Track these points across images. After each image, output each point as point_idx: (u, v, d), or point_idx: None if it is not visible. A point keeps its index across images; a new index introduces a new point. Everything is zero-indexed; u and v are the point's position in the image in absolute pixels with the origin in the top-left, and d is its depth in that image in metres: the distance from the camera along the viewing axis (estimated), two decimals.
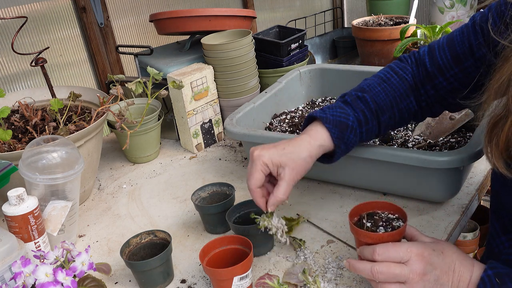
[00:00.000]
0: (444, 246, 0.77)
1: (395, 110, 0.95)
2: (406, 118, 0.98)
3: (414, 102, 0.96)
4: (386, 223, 0.82)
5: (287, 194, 0.87)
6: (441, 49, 0.91)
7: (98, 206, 1.26)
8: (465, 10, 2.00)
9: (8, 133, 1.13)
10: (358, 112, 0.93)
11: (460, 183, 1.04)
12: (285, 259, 0.97)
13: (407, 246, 0.75)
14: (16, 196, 0.91)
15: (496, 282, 0.71)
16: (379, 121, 0.95)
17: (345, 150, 0.94)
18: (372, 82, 0.97)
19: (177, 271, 0.98)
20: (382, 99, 0.94)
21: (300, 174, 0.89)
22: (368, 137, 0.97)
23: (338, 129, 0.90)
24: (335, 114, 0.92)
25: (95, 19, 1.74)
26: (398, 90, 0.95)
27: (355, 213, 0.85)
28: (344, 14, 2.89)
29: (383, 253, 0.74)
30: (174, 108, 1.43)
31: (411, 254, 0.73)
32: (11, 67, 1.60)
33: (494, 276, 0.72)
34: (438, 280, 0.74)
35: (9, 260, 0.86)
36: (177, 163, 1.42)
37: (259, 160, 0.87)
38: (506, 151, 0.66)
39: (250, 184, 0.88)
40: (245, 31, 1.51)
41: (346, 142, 0.92)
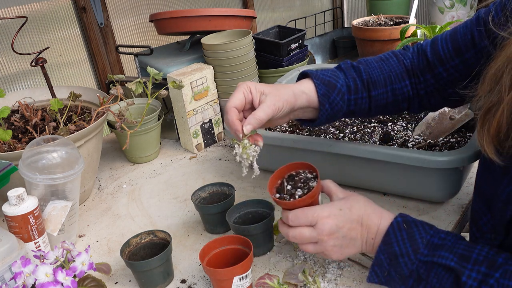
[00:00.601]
0: (353, 203, 0.82)
1: (389, 89, 0.96)
2: (399, 102, 0.98)
3: (409, 87, 0.96)
4: (304, 184, 0.84)
5: (266, 115, 0.85)
6: (444, 41, 0.92)
7: (98, 206, 1.26)
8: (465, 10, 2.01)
9: (8, 133, 1.13)
10: (349, 78, 0.94)
11: (460, 183, 1.04)
12: (285, 259, 0.97)
13: (314, 210, 0.80)
14: (16, 196, 0.91)
15: (404, 227, 0.77)
16: (370, 94, 0.95)
17: (330, 113, 0.93)
18: (370, 59, 0.99)
19: (177, 271, 0.98)
20: (376, 74, 0.95)
21: (283, 105, 0.87)
22: (357, 109, 0.96)
23: (325, 87, 0.91)
24: (326, 74, 0.93)
25: (95, 19, 1.74)
26: (394, 71, 0.96)
27: (276, 178, 0.86)
28: (344, 14, 2.90)
29: (294, 220, 0.81)
30: (174, 108, 1.43)
31: (318, 218, 0.79)
32: (11, 67, 1.60)
33: (402, 222, 0.78)
34: (347, 236, 0.80)
35: (9, 260, 0.86)
36: (177, 163, 1.42)
37: (243, 84, 0.87)
38: (497, 137, 0.68)
39: (228, 104, 0.85)
40: (245, 31, 1.51)
41: (331, 102, 0.92)
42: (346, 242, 0.80)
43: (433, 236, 0.75)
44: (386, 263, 0.77)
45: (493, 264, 0.69)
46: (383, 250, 0.77)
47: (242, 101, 0.86)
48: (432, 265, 0.73)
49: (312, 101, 0.92)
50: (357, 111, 0.97)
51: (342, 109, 0.94)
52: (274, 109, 0.86)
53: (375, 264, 0.78)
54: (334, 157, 1.09)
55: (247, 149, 0.84)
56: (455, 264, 0.71)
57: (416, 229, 0.76)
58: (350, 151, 1.05)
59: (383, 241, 0.77)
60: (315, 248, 0.82)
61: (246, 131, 0.84)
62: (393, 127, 1.31)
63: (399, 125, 1.31)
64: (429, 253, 0.74)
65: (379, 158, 1.01)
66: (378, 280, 0.79)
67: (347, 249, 0.81)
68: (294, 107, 0.90)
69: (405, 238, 0.76)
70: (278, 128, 1.36)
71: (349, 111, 0.96)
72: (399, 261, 0.75)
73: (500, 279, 0.67)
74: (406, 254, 0.75)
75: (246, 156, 0.84)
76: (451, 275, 0.71)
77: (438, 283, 0.72)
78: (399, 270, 0.76)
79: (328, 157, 1.10)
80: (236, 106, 0.86)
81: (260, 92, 0.88)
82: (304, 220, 0.80)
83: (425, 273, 0.74)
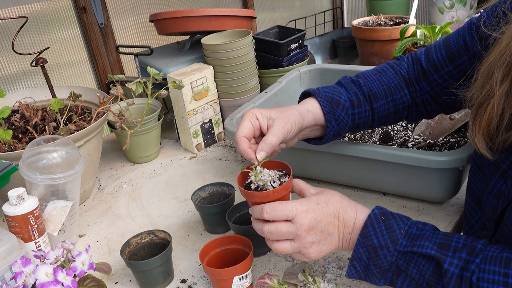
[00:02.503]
0: (329, 197, 0.80)
1: (389, 99, 0.97)
2: (400, 111, 0.99)
3: (408, 96, 0.98)
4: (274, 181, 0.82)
5: (278, 138, 0.85)
6: (437, 48, 0.93)
7: (98, 206, 1.26)
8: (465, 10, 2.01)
9: (9, 133, 1.13)
10: (351, 93, 0.95)
11: (460, 183, 1.04)
12: (285, 259, 0.97)
13: (292, 204, 0.77)
14: (17, 196, 0.91)
15: (381, 219, 0.76)
16: (372, 107, 0.96)
17: (336, 129, 0.94)
18: (368, 72, 1.00)
19: (177, 271, 0.98)
20: (376, 86, 0.96)
21: (292, 127, 0.87)
22: (361, 122, 0.97)
23: (330, 104, 0.92)
24: (328, 91, 0.94)
25: (95, 19, 1.74)
26: (392, 82, 0.97)
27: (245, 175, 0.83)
28: (344, 14, 2.90)
29: (270, 211, 0.77)
30: (174, 108, 1.43)
31: (296, 212, 0.77)
32: (12, 67, 1.61)
33: (380, 214, 0.77)
34: (324, 230, 0.78)
35: (10, 260, 0.86)
36: (177, 163, 1.42)
37: (249, 112, 0.87)
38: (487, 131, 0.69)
39: (236, 134, 0.85)
40: (245, 31, 1.51)
41: (337, 119, 0.93)
42: (324, 237, 0.78)
43: (411, 226, 0.75)
44: (365, 257, 0.75)
45: (472, 250, 0.70)
46: (362, 243, 0.75)
47: (251, 129, 0.86)
48: (411, 256, 0.72)
49: (319, 118, 0.92)
50: (361, 125, 0.98)
51: (348, 124, 0.95)
52: (284, 131, 0.86)
53: (354, 258, 0.77)
54: (334, 157, 1.09)
55: (260, 175, 0.82)
56: (435, 252, 0.70)
57: (394, 220, 0.76)
58: (350, 151, 1.05)
59: (361, 234, 0.76)
60: (292, 246, 0.78)
61: (260, 158, 0.83)
62: (393, 127, 1.31)
63: (399, 125, 1.31)
64: (408, 243, 0.73)
65: (379, 158, 1.01)
66: (358, 275, 0.78)
67: (324, 245, 0.79)
68: (302, 127, 0.90)
69: (384, 230, 0.75)
70: None
71: (354, 125, 0.97)
72: (378, 254, 0.74)
73: (480, 264, 0.68)
74: (385, 246, 0.74)
75: (262, 182, 0.82)
76: (431, 264, 0.71)
77: (418, 273, 0.72)
78: (379, 263, 0.74)
79: (328, 157, 1.10)
80: (245, 135, 0.85)
81: (266, 117, 0.87)
82: (282, 214, 0.77)
83: (404, 264, 0.73)
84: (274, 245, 0.79)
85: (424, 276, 0.72)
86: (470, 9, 2.02)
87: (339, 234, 0.79)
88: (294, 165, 1.19)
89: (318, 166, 1.15)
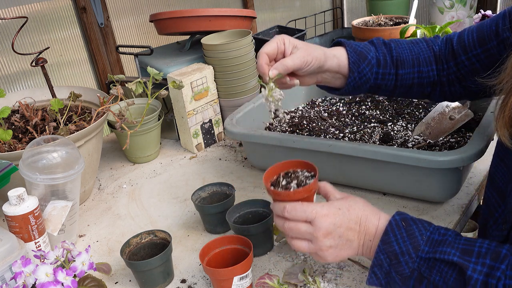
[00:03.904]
0: (351, 203, 0.80)
1: (415, 70, 0.98)
2: (424, 85, 1.00)
3: (435, 72, 0.99)
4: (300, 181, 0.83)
5: (294, 64, 0.90)
6: (470, 31, 0.96)
7: (98, 206, 1.26)
8: (465, 10, 2.01)
9: (9, 133, 1.13)
10: (379, 53, 0.98)
11: (460, 183, 1.04)
12: (285, 259, 0.97)
13: (313, 206, 0.78)
14: (17, 196, 0.91)
15: (402, 225, 0.75)
16: (397, 72, 0.98)
17: (357, 82, 0.97)
18: (401, 40, 1.02)
19: (177, 271, 0.98)
20: (406, 54, 0.98)
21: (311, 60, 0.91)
22: (383, 84, 0.99)
23: (357, 56, 0.95)
24: (358, 45, 0.97)
25: (95, 19, 1.74)
26: (422, 54, 0.99)
27: (273, 172, 0.86)
28: (344, 14, 2.89)
29: (291, 211, 0.78)
30: (174, 108, 1.43)
31: (316, 215, 0.77)
32: (12, 67, 1.61)
33: (400, 220, 0.75)
34: (343, 236, 0.77)
35: (10, 259, 0.86)
36: (177, 163, 1.42)
37: (279, 36, 0.93)
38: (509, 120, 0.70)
39: (261, 50, 0.91)
40: (245, 31, 1.51)
41: (360, 72, 0.96)
42: (342, 243, 0.77)
43: (432, 232, 0.74)
44: (386, 264, 0.74)
45: (497, 256, 0.68)
46: (383, 249, 0.74)
47: (275, 50, 0.91)
48: (434, 262, 0.71)
49: (343, 66, 0.95)
50: (383, 87, 1.00)
51: (369, 80, 0.97)
52: (303, 61, 0.90)
53: (374, 265, 0.75)
54: (334, 157, 1.09)
55: (272, 92, 0.89)
56: (458, 259, 0.69)
57: (415, 226, 0.74)
58: (350, 151, 1.05)
59: (382, 240, 0.75)
60: (309, 246, 0.79)
61: (271, 74, 0.88)
62: (393, 127, 1.31)
63: (399, 125, 1.31)
64: (430, 249, 0.72)
65: (379, 158, 1.01)
66: (378, 282, 0.76)
67: (342, 250, 0.78)
68: (322, 67, 0.94)
69: (405, 236, 0.73)
70: (278, 128, 1.36)
71: (375, 85, 0.99)
72: (399, 260, 0.73)
73: (506, 271, 0.66)
74: (406, 252, 0.72)
75: (271, 98, 0.89)
76: (454, 270, 0.69)
77: (441, 280, 0.70)
78: (400, 270, 0.73)
79: (328, 157, 1.10)
80: (268, 52, 0.91)
81: (293, 45, 0.92)
82: (301, 214, 0.78)
83: (426, 271, 0.71)
84: (293, 241, 0.80)
85: (447, 283, 0.70)
86: (470, 9, 2.02)
87: (359, 241, 0.78)
88: None
89: (318, 166, 1.15)
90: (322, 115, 1.41)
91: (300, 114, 1.44)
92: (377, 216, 0.78)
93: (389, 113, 1.37)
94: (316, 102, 1.51)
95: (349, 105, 1.45)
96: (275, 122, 0.89)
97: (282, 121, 0.90)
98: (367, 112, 1.40)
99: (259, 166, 1.29)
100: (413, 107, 1.37)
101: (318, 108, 1.47)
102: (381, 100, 1.43)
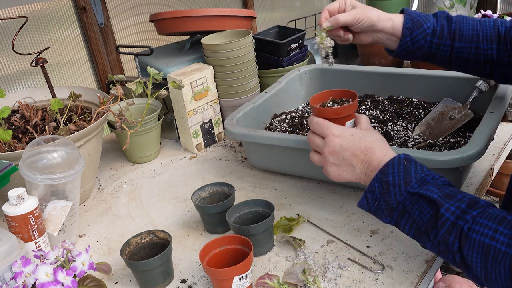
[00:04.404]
0: (366, 134, 0.87)
1: (473, 45, 1.01)
2: (481, 62, 1.02)
3: (495, 51, 1.00)
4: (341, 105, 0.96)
5: (344, 19, 1.01)
6: None
7: (98, 206, 1.26)
8: (465, 10, 2.01)
9: (9, 133, 1.13)
10: (438, 24, 1.02)
11: (460, 183, 1.04)
12: (285, 259, 0.97)
13: (331, 125, 0.88)
14: (17, 196, 0.91)
15: (403, 162, 0.80)
16: (453, 45, 1.01)
17: (410, 46, 1.02)
18: (468, 17, 1.04)
19: (177, 271, 0.98)
20: (466, 29, 1.01)
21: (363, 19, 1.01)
22: (438, 54, 1.03)
23: (412, 22, 1.01)
24: (419, 15, 1.02)
25: (95, 19, 1.74)
26: (484, 32, 1.01)
27: (322, 97, 0.99)
28: None
29: (312, 124, 0.91)
30: (174, 108, 1.43)
31: (329, 133, 0.88)
32: (12, 67, 1.60)
33: (404, 159, 0.81)
34: (346, 159, 0.86)
35: (10, 260, 0.86)
36: (177, 163, 1.42)
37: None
38: None
39: (326, 6, 1.05)
40: (245, 31, 1.51)
41: (413, 38, 1.01)
42: (345, 164, 0.86)
43: (428, 175, 0.79)
44: (378, 191, 0.80)
45: (474, 204, 0.72)
46: (379, 178, 0.80)
47: (336, 8, 1.04)
48: (418, 198, 0.76)
49: (397, 30, 1.02)
50: (438, 56, 1.03)
51: (423, 47, 1.02)
52: (354, 18, 1.01)
53: (368, 191, 0.82)
54: None
55: (324, 40, 1.04)
56: (437, 197, 0.74)
57: (414, 166, 0.80)
58: None
59: (381, 171, 0.81)
60: (319, 159, 0.91)
61: (324, 26, 1.03)
62: (393, 127, 1.31)
63: (399, 125, 1.31)
64: (418, 187, 0.77)
65: None
66: (368, 207, 0.83)
67: (344, 172, 0.87)
68: (374, 26, 1.02)
69: (401, 171, 0.79)
70: (278, 128, 1.36)
71: (430, 53, 1.03)
72: (389, 191, 0.79)
73: (476, 217, 0.70)
74: (397, 184, 0.78)
75: (322, 46, 1.05)
76: (432, 208, 0.74)
77: (419, 216, 0.76)
78: (388, 200, 0.79)
79: None
80: (329, 9, 1.05)
81: (351, 6, 1.04)
82: (317, 129, 0.89)
83: (409, 206, 0.77)
84: (311, 153, 0.93)
85: (423, 219, 0.75)
86: (470, 9, 2.02)
87: (362, 169, 0.85)
88: (294, 165, 1.19)
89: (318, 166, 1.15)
90: None
91: (300, 114, 1.44)
92: (384, 152, 0.84)
93: (389, 113, 1.37)
94: None
95: None
96: (328, 63, 1.15)
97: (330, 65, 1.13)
98: (367, 112, 1.40)
99: (259, 166, 1.29)
100: (413, 107, 1.37)
101: None
102: (381, 100, 1.43)
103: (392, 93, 1.44)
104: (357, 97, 0.95)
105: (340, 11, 1.05)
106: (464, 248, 0.70)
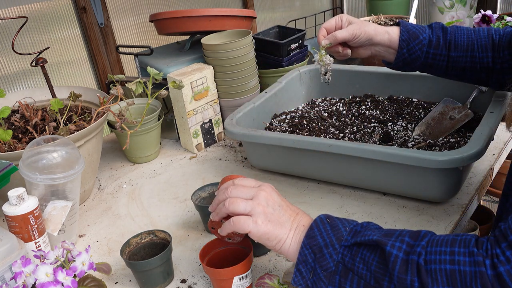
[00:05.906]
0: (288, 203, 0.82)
1: (469, 54, 1.02)
2: (477, 71, 1.03)
3: (490, 59, 1.02)
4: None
5: (342, 36, 1.05)
6: None
7: (98, 206, 1.26)
8: (465, 10, 2.01)
9: (8, 133, 1.13)
10: (434, 35, 1.04)
11: (459, 183, 1.04)
12: (285, 259, 0.97)
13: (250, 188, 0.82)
14: (17, 196, 0.91)
15: (327, 221, 0.75)
16: (449, 54, 1.04)
17: (407, 58, 1.05)
18: (462, 27, 1.07)
19: (177, 271, 0.98)
20: (461, 39, 1.03)
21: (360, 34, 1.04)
22: (435, 64, 1.06)
23: (408, 34, 1.04)
24: (414, 26, 1.05)
25: (95, 19, 1.74)
26: (479, 40, 1.03)
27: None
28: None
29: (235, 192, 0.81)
30: (174, 108, 1.43)
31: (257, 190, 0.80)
32: (11, 67, 1.60)
33: (325, 218, 0.76)
34: (281, 208, 0.79)
35: (10, 260, 0.86)
36: (177, 163, 1.42)
37: (339, 15, 1.10)
38: None
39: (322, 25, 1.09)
40: (245, 31, 1.51)
41: (409, 49, 1.04)
42: (276, 214, 0.77)
43: (356, 225, 0.74)
44: (310, 259, 0.72)
45: (416, 235, 0.68)
46: (307, 244, 0.73)
47: (333, 25, 1.08)
48: (357, 249, 0.70)
49: (393, 42, 1.05)
50: (435, 66, 1.06)
51: (419, 58, 1.05)
52: (352, 34, 1.04)
53: (299, 262, 0.73)
54: (334, 157, 1.09)
55: (323, 57, 1.10)
56: (378, 237, 0.68)
57: (339, 221, 0.75)
58: (350, 151, 1.05)
59: (307, 235, 0.74)
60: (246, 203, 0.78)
61: (323, 43, 1.07)
62: (393, 127, 1.31)
63: (399, 125, 1.31)
64: (352, 238, 0.71)
65: (379, 158, 1.01)
66: (304, 281, 0.73)
67: (271, 223, 0.76)
68: (372, 40, 1.05)
69: (329, 229, 0.73)
70: (278, 128, 1.36)
71: (426, 63, 1.06)
72: (323, 253, 0.71)
73: (427, 247, 0.65)
74: (330, 244, 0.71)
75: (322, 63, 1.11)
76: (376, 252, 0.68)
77: (365, 268, 0.69)
78: (325, 264, 0.71)
79: (328, 157, 1.10)
80: (326, 27, 1.08)
81: (348, 22, 1.07)
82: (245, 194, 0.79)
83: (350, 261, 0.70)
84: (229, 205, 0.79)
85: (370, 270, 0.68)
86: (470, 9, 2.02)
87: (293, 225, 0.77)
88: (294, 165, 1.19)
89: (317, 166, 1.15)
90: (322, 115, 1.41)
91: (300, 114, 1.44)
92: (309, 217, 0.80)
93: (389, 113, 1.37)
94: (316, 102, 1.51)
95: (349, 105, 1.45)
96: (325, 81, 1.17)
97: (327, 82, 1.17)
98: (367, 112, 1.40)
99: (259, 166, 1.29)
100: (413, 107, 1.37)
101: (318, 108, 1.47)
102: (381, 100, 1.43)
103: (392, 93, 1.44)
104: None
105: (337, 28, 1.08)
106: (428, 285, 0.63)
